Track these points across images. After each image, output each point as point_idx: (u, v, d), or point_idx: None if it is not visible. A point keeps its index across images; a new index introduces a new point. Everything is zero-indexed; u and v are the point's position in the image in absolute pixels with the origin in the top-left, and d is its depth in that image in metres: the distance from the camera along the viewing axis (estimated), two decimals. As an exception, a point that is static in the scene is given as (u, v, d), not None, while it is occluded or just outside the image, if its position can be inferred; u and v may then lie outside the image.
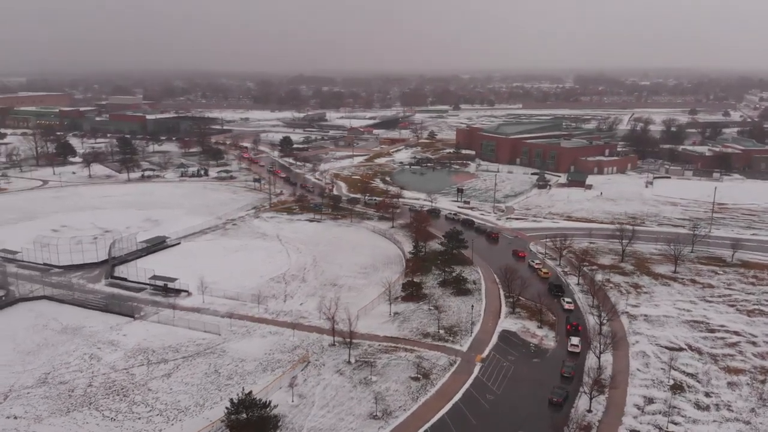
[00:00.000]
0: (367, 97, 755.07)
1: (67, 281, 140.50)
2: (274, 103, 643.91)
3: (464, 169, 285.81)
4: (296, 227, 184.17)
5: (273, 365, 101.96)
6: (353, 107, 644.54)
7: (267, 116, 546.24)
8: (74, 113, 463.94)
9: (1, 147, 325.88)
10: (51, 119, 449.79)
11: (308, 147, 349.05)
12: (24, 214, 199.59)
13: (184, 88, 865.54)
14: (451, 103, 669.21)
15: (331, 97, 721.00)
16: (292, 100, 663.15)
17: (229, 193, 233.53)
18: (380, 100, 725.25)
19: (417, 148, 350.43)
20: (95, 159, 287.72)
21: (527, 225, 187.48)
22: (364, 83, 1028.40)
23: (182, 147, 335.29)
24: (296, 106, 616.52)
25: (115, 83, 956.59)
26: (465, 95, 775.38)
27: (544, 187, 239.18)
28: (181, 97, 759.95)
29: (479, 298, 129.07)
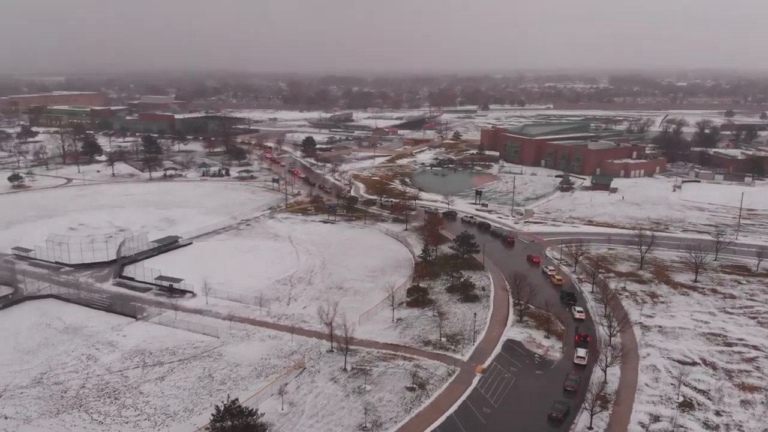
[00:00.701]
0: (396, 97, 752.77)
1: (75, 280, 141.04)
2: (302, 104, 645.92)
3: (487, 170, 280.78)
4: (309, 228, 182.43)
5: (268, 371, 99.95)
6: (381, 107, 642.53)
7: (295, 116, 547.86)
8: (105, 112, 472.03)
9: (30, 145, 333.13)
10: (82, 118, 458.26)
11: (331, 147, 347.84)
12: (44, 212, 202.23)
13: (216, 88, 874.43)
14: (480, 103, 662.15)
15: (359, 97, 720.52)
16: (321, 101, 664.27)
17: (248, 193, 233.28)
18: (409, 100, 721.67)
19: (441, 149, 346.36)
20: (119, 158, 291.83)
21: (546, 229, 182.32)
22: (394, 83, 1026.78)
23: (207, 147, 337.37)
24: (325, 107, 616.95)
25: (150, 83, 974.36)
26: (495, 95, 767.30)
27: (568, 190, 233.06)
28: (213, 97, 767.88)
29: (487, 305, 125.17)
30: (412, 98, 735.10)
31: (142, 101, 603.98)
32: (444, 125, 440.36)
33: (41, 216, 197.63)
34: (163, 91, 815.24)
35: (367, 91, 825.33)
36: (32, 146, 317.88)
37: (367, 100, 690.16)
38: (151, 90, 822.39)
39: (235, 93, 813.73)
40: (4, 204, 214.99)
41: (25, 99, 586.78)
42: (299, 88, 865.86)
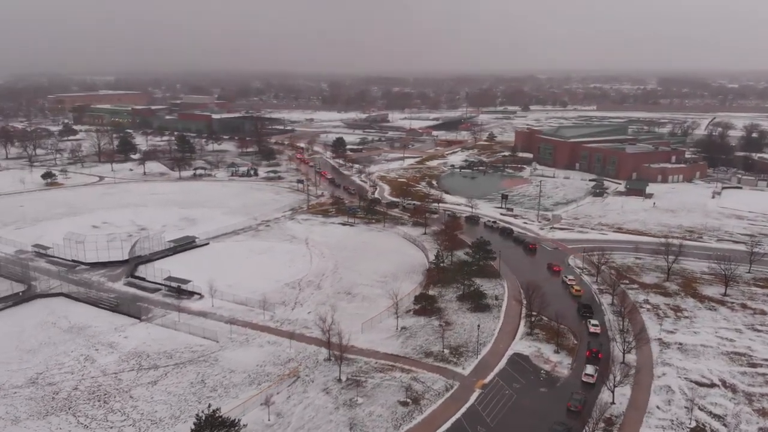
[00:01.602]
0: (435, 97, 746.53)
1: (88, 279, 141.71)
2: (340, 104, 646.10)
3: (518, 173, 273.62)
4: (327, 231, 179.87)
5: (261, 378, 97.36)
6: (419, 108, 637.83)
7: (332, 117, 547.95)
8: (145, 111, 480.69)
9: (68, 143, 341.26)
10: (123, 117, 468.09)
11: (362, 148, 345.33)
12: (70, 210, 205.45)
13: (259, 89, 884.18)
14: (521, 103, 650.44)
15: (398, 97, 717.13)
16: (360, 101, 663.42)
17: (273, 193, 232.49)
18: (448, 100, 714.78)
19: (473, 151, 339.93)
20: (152, 157, 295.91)
21: (571, 236, 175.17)
22: (435, 84, 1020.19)
23: (240, 146, 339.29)
24: (363, 107, 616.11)
25: (196, 83, 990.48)
26: (538, 96, 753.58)
27: (600, 195, 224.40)
28: (255, 97, 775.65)
29: (497, 315, 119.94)
30: (452, 99, 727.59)
31: (184, 101, 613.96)
32: (479, 126, 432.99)
33: (67, 213, 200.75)
34: (208, 91, 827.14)
35: (406, 92, 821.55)
36: (70, 144, 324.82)
37: (406, 100, 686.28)
38: (196, 90, 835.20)
39: (276, 94, 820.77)
40: (35, 201, 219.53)
41: (71, 98, 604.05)
42: (339, 88, 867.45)
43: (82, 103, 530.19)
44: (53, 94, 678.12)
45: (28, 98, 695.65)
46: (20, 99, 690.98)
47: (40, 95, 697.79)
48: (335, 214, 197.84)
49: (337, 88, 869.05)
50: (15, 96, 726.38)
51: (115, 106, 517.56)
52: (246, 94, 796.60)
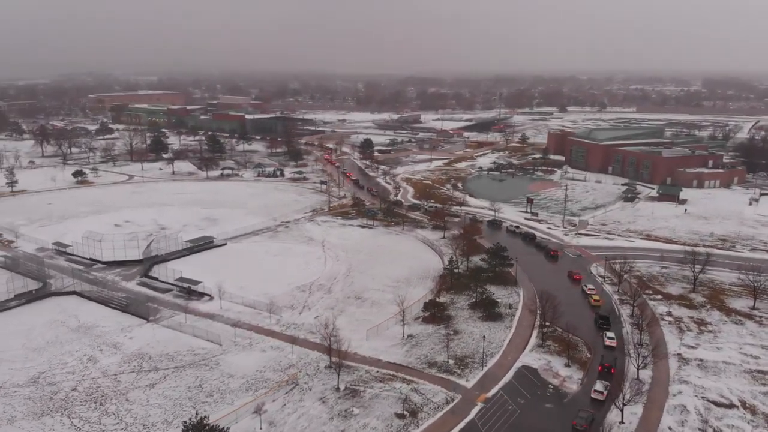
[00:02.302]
0: (471, 98, 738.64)
1: (102, 278, 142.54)
2: (374, 105, 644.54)
3: (548, 176, 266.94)
4: (345, 233, 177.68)
5: (259, 384, 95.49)
6: (453, 109, 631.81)
7: (365, 118, 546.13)
8: (181, 111, 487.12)
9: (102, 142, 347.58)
10: (160, 117, 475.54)
11: (390, 149, 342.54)
12: (96, 208, 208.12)
13: (296, 90, 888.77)
14: (558, 105, 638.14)
15: (434, 98, 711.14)
16: (394, 102, 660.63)
17: (296, 194, 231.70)
18: (484, 101, 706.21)
19: (504, 153, 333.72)
20: (181, 156, 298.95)
21: (596, 243, 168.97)
22: (473, 84, 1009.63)
23: (269, 147, 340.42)
24: (397, 108, 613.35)
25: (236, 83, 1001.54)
26: (577, 97, 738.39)
27: (632, 200, 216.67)
28: (291, 98, 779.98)
29: (509, 325, 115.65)
30: (487, 99, 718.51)
31: (221, 101, 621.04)
32: (512, 128, 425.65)
33: (93, 212, 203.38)
34: (246, 91, 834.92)
35: (442, 92, 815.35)
36: (103, 143, 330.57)
37: (441, 101, 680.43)
38: (234, 90, 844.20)
39: (312, 94, 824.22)
40: (64, 198, 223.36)
41: (111, 97, 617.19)
42: (375, 89, 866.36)
43: (120, 103, 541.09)
44: (94, 94, 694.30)
45: (71, 97, 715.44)
46: (64, 98, 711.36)
47: (84, 94, 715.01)
48: (355, 216, 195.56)
49: (373, 89, 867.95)
50: (59, 95, 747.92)
51: (152, 105, 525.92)
52: (283, 94, 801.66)
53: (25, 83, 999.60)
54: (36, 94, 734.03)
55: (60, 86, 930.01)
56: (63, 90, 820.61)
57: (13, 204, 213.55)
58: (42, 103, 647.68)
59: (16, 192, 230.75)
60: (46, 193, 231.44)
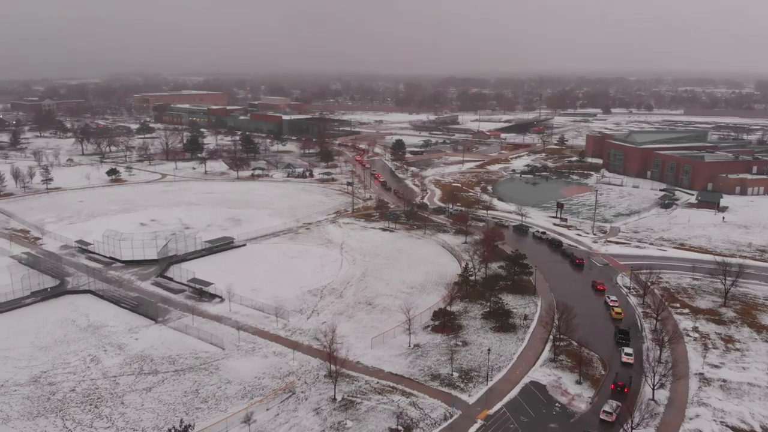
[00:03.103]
0: (513, 99, 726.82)
1: (119, 277, 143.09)
2: (413, 106, 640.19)
3: (583, 180, 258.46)
4: (365, 236, 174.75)
5: (256, 391, 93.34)
6: (494, 109, 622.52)
7: (402, 119, 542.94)
8: (221, 111, 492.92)
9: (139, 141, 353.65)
10: (200, 117, 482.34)
11: (423, 151, 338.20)
12: (125, 206, 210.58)
13: (337, 90, 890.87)
14: (602, 106, 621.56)
15: (474, 98, 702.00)
16: (434, 103, 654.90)
17: (322, 195, 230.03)
18: (526, 102, 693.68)
19: (540, 155, 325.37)
20: (215, 156, 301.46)
21: (626, 251, 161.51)
22: (516, 85, 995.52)
23: (303, 147, 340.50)
24: (436, 109, 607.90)
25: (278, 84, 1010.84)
26: (623, 98, 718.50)
27: (668, 206, 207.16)
28: (331, 98, 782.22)
29: (521, 337, 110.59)
30: (529, 100, 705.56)
31: (262, 102, 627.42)
32: (550, 129, 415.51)
33: (121, 210, 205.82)
34: (288, 92, 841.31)
35: (484, 93, 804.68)
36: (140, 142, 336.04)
37: (481, 102, 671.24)
38: (277, 91, 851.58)
39: (352, 95, 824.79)
40: (96, 196, 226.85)
41: (155, 97, 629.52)
42: (415, 90, 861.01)
43: (162, 103, 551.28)
44: (139, 93, 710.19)
45: (118, 97, 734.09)
46: (112, 97, 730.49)
47: (131, 94, 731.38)
48: (378, 218, 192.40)
49: (413, 90, 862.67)
50: (108, 94, 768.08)
51: (193, 105, 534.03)
52: (323, 95, 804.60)
53: (78, 83, 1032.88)
54: (85, 94, 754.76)
55: (110, 86, 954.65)
56: (112, 89, 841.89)
57: (46, 201, 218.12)
58: (90, 103, 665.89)
59: (51, 189, 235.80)
60: (79, 191, 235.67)
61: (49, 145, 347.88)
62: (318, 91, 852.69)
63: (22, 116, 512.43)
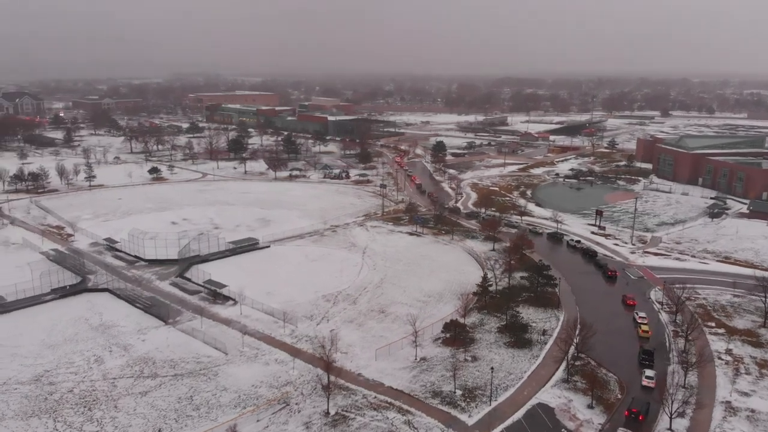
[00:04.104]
0: (568, 99, 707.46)
1: (140, 276, 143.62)
2: (463, 106, 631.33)
3: (629, 186, 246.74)
4: (390, 240, 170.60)
5: (250, 401, 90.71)
6: (547, 111, 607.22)
7: (451, 119, 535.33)
8: (269, 112, 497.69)
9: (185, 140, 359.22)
10: (249, 117, 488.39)
11: (466, 153, 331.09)
12: (161, 205, 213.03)
13: (389, 91, 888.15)
14: (661, 109, 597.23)
15: (527, 99, 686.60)
16: (484, 103, 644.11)
17: (355, 197, 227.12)
18: (581, 103, 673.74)
19: (588, 159, 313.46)
20: (257, 156, 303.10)
21: (665, 263, 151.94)
22: (573, 85, 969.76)
23: (343, 148, 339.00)
24: (487, 109, 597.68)
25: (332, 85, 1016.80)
26: (684, 101, 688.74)
27: (718, 216, 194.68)
28: (381, 99, 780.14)
29: (536, 354, 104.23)
30: (585, 101, 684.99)
31: (312, 102, 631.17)
32: (601, 132, 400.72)
33: (156, 209, 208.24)
34: (340, 93, 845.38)
35: (539, 94, 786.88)
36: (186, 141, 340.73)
37: (534, 102, 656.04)
38: (330, 92, 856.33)
39: (402, 96, 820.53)
40: (134, 194, 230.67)
41: (208, 97, 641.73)
42: (468, 90, 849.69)
43: (215, 103, 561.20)
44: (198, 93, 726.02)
45: (176, 96, 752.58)
46: (170, 96, 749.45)
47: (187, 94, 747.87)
48: (407, 222, 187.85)
49: (465, 90, 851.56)
50: (167, 93, 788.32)
51: (243, 106, 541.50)
52: (374, 96, 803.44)
53: (140, 82, 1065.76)
54: (145, 93, 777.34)
55: (170, 85, 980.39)
56: (170, 89, 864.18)
57: (86, 198, 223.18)
58: (148, 102, 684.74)
59: (94, 187, 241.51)
60: (120, 189, 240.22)
61: (100, 143, 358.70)
62: (369, 91, 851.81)
63: (79, 114, 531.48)
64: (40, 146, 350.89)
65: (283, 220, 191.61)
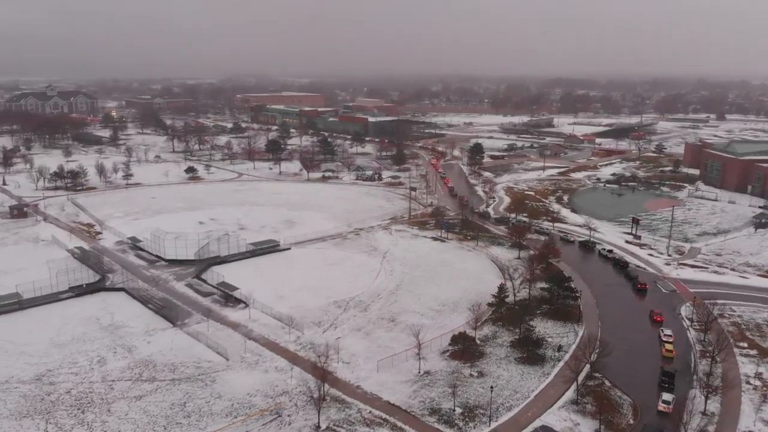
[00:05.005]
0: (621, 101, 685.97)
1: (157, 276, 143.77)
2: (509, 107, 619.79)
3: (673, 193, 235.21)
4: (413, 245, 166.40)
5: (242, 410, 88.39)
6: (597, 112, 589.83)
7: (494, 121, 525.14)
8: (312, 113, 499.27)
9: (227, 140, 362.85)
10: (292, 118, 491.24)
11: (505, 155, 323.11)
12: (192, 204, 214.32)
13: (435, 92, 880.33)
14: (717, 112, 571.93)
15: (577, 101, 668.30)
16: (531, 105, 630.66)
17: (384, 200, 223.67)
18: (633, 105, 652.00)
19: (633, 163, 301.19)
20: (294, 157, 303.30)
21: (701, 276, 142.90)
22: (627, 87, 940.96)
23: (380, 149, 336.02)
24: (533, 111, 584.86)
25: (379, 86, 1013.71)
26: (743, 104, 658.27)
27: (764, 226, 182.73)
28: (426, 100, 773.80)
29: (548, 372, 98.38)
30: (637, 103, 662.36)
31: (356, 103, 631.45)
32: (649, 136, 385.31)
33: (186, 208, 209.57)
34: (386, 94, 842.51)
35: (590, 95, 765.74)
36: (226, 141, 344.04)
37: (584, 104, 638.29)
38: (376, 93, 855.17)
39: (448, 97, 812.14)
40: (168, 193, 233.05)
41: (255, 97, 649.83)
42: (516, 91, 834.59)
43: (260, 103, 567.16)
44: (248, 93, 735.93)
45: (226, 96, 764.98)
46: (219, 97, 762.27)
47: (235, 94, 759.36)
48: (433, 227, 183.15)
49: (514, 91, 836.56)
50: (217, 94, 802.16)
51: (287, 106, 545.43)
52: (420, 97, 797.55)
53: (194, 82, 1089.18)
54: (196, 93, 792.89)
55: (222, 86, 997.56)
56: (221, 89, 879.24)
57: (121, 196, 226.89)
58: (198, 102, 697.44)
59: (131, 185, 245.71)
60: (156, 188, 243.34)
61: (145, 142, 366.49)
62: (415, 92, 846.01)
63: (130, 113, 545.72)
64: (87, 144, 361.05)
65: (309, 222, 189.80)
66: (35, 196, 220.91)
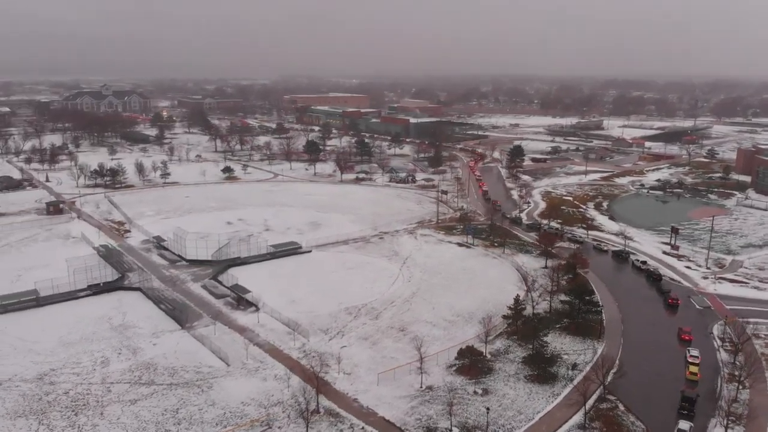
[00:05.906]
0: (677, 104, 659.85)
1: (176, 276, 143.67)
2: (559, 108, 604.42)
3: (721, 200, 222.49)
4: (436, 250, 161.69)
5: (233, 420, 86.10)
6: (650, 115, 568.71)
7: (542, 122, 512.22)
8: (355, 114, 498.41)
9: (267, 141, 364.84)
10: (335, 119, 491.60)
11: (547, 158, 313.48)
12: (223, 204, 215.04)
13: (485, 92, 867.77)
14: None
15: (630, 103, 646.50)
16: (582, 106, 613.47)
17: (414, 203, 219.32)
18: (689, 107, 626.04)
19: (683, 169, 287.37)
20: (330, 158, 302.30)
21: (740, 292, 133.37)
22: (685, 89, 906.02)
23: (417, 151, 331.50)
24: (584, 113, 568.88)
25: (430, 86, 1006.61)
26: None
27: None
28: (474, 101, 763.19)
29: (558, 392, 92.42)
30: (693, 106, 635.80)
31: (400, 104, 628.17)
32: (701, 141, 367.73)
33: (218, 208, 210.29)
34: (433, 94, 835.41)
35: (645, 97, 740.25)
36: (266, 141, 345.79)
37: (636, 106, 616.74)
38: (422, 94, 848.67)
39: (497, 97, 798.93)
40: (203, 193, 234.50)
41: (302, 98, 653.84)
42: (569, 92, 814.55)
43: (306, 104, 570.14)
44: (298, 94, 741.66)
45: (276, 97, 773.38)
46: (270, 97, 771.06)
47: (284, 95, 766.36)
48: (460, 232, 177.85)
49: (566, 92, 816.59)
50: (268, 94, 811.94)
51: (331, 108, 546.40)
52: (468, 97, 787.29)
53: (248, 83, 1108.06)
54: (248, 94, 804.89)
55: (274, 86, 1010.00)
56: (273, 90, 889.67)
57: (155, 195, 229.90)
58: (248, 102, 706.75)
59: (168, 184, 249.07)
60: (192, 187, 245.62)
61: (189, 141, 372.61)
62: (464, 93, 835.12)
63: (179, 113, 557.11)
64: (133, 143, 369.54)
65: (334, 224, 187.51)
66: (74, 194, 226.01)
